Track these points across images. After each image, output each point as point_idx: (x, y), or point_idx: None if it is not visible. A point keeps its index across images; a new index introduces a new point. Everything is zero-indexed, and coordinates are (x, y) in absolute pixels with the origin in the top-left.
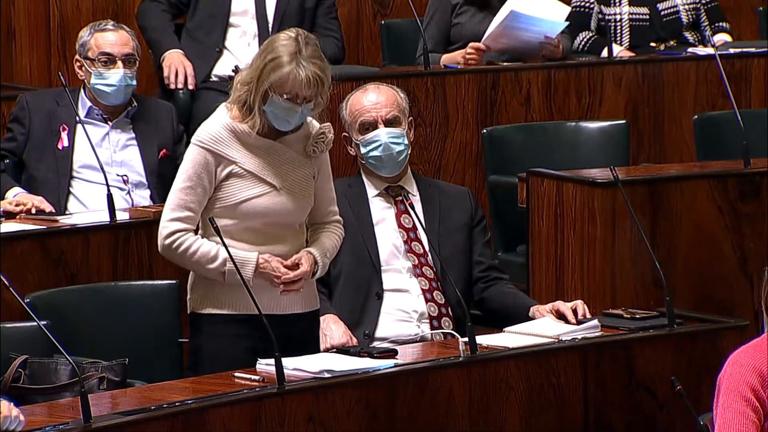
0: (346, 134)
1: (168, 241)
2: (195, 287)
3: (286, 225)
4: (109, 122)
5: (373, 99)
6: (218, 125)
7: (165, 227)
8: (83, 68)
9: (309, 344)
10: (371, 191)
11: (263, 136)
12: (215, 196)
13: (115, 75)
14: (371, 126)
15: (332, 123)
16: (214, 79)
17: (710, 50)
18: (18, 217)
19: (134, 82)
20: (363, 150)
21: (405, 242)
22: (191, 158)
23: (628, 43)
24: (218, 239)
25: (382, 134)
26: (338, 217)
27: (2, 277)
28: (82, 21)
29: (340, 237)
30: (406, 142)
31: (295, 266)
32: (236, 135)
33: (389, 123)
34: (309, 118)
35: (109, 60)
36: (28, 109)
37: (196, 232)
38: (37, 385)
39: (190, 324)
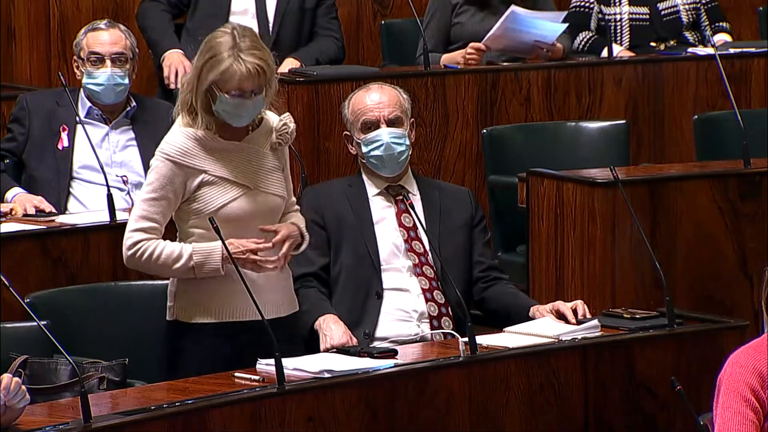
0: (347, 133)
1: (131, 251)
2: (180, 296)
3: (266, 222)
4: (109, 122)
5: (376, 99)
6: (182, 136)
7: (128, 238)
8: (79, 68)
9: (292, 348)
10: (371, 190)
11: (227, 139)
12: (190, 207)
13: (103, 74)
14: (373, 125)
15: (333, 121)
16: None
17: (710, 50)
18: (14, 215)
19: (126, 81)
20: (364, 149)
21: (405, 241)
22: (156, 170)
23: (628, 43)
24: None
25: (384, 134)
26: (297, 205)
27: (2, 277)
28: (82, 21)
29: (303, 220)
30: (408, 142)
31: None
32: (201, 142)
33: (391, 123)
34: (267, 113)
35: (98, 59)
36: (28, 110)
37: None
38: (37, 385)
39: (172, 332)
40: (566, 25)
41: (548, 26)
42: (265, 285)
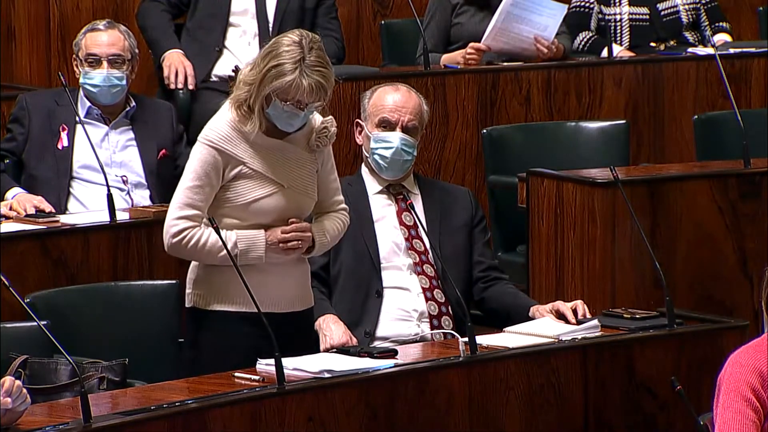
0: (359, 121)
1: (176, 239)
2: (198, 283)
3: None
4: (109, 122)
5: (401, 102)
6: (226, 124)
7: (174, 225)
8: (77, 67)
9: (307, 342)
10: (372, 189)
11: (269, 135)
12: (223, 196)
13: (99, 75)
14: (389, 126)
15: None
16: (214, 79)
17: (710, 50)
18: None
19: (123, 83)
20: (373, 144)
21: (406, 239)
22: (199, 157)
23: (628, 43)
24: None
25: (397, 138)
26: (344, 205)
27: (2, 277)
28: (82, 21)
29: (344, 223)
30: (415, 153)
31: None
32: (243, 134)
33: (407, 130)
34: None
35: (95, 61)
36: (28, 110)
37: None
38: (37, 385)
39: (190, 319)
40: (566, 6)
41: (549, 6)
42: (280, 279)
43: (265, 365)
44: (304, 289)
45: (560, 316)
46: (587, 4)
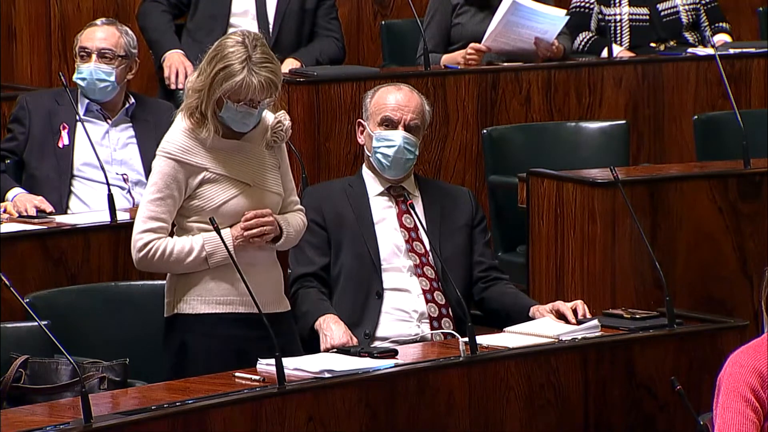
0: (361, 121)
1: (142, 253)
2: (177, 290)
3: None
4: (109, 119)
5: (404, 101)
6: (182, 134)
7: (139, 239)
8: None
9: (283, 346)
10: (372, 190)
11: (226, 137)
12: (192, 205)
13: (87, 69)
14: (391, 124)
15: (333, 121)
16: None
17: (710, 50)
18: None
19: (111, 78)
20: (375, 143)
21: (407, 241)
22: (159, 170)
23: (628, 44)
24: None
25: (399, 136)
26: (300, 206)
27: (2, 277)
28: (82, 21)
29: (304, 222)
30: (417, 152)
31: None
32: (201, 141)
33: (409, 129)
34: (265, 111)
35: (86, 54)
36: (28, 109)
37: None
38: (37, 385)
39: (170, 326)
40: (567, 17)
41: (550, 17)
42: (259, 281)
43: (266, 365)
44: (278, 292)
45: (560, 316)
46: (587, 5)
